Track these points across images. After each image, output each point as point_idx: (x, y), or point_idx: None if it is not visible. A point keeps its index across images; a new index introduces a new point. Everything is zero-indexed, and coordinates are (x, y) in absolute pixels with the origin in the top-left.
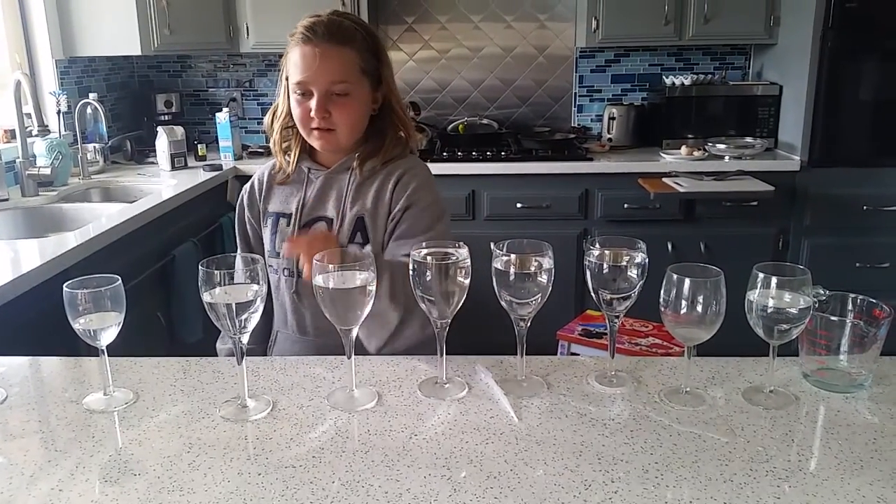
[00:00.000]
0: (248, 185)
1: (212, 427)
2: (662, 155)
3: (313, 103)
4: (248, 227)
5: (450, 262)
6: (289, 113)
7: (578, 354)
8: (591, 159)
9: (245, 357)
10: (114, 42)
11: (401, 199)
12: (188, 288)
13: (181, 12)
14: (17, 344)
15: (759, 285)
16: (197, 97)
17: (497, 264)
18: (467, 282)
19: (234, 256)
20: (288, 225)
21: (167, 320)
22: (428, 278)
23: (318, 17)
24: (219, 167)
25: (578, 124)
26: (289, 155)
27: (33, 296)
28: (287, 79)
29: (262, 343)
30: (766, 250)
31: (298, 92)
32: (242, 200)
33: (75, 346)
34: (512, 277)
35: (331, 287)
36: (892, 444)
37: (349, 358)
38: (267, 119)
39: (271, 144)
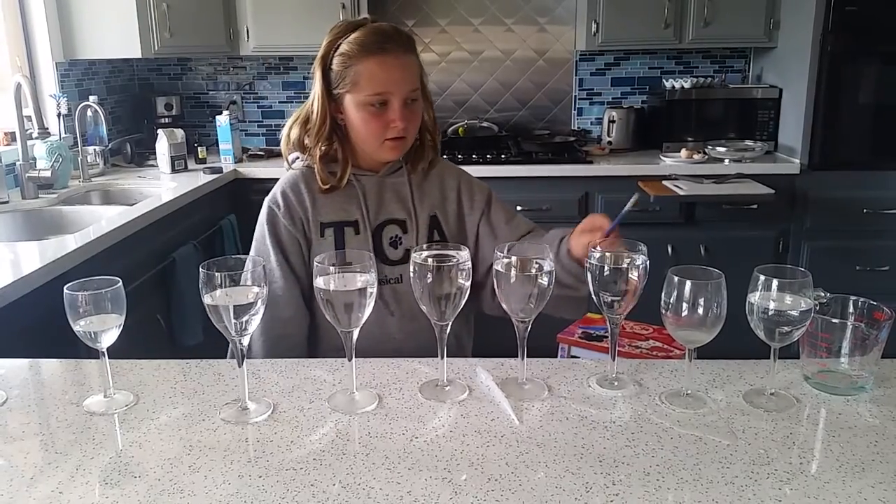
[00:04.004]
0: (278, 199)
1: (212, 429)
2: (662, 158)
3: (394, 113)
4: (285, 239)
5: (451, 263)
6: (331, 125)
7: (579, 357)
8: (590, 162)
9: (245, 359)
10: (114, 45)
11: (474, 197)
12: (188, 291)
13: (181, 15)
14: (18, 346)
15: (759, 288)
16: (197, 100)
17: (498, 266)
18: (468, 283)
19: (234, 259)
20: (357, 233)
21: (167, 323)
22: (429, 280)
23: (379, 26)
24: (219, 170)
25: (578, 127)
26: (332, 167)
27: (34, 298)
28: (337, 91)
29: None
30: (766, 253)
31: (375, 103)
32: (275, 215)
33: (76, 349)
34: (513, 279)
35: (332, 289)
36: (893, 447)
37: (350, 360)
38: (294, 133)
39: (297, 156)
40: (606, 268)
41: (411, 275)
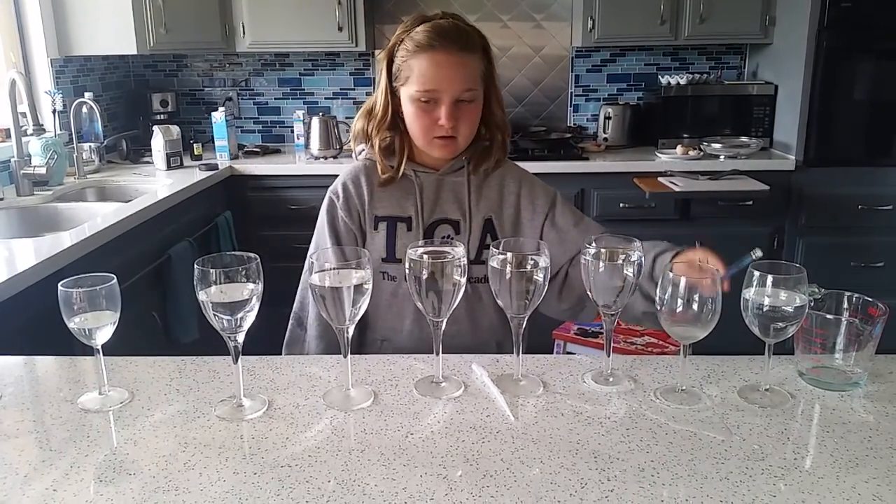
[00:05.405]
0: (338, 191)
1: (207, 426)
2: (658, 154)
3: (441, 112)
4: (342, 230)
5: (446, 260)
6: (393, 117)
7: (574, 353)
8: (586, 159)
9: (240, 356)
10: (109, 41)
11: (536, 201)
12: (184, 288)
13: (177, 11)
14: (12, 343)
15: (755, 284)
16: (193, 96)
17: (493, 263)
18: (463, 280)
19: (230, 255)
20: (409, 229)
21: (162, 320)
22: (424, 276)
23: (439, 23)
24: (214, 166)
25: (574, 124)
26: (391, 159)
27: (28, 295)
28: (395, 84)
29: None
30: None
31: (424, 100)
32: (335, 206)
33: (70, 346)
34: (508, 276)
35: (326, 285)
36: (887, 442)
37: (345, 357)
38: (359, 124)
39: (363, 149)
40: (601, 264)
41: (406, 272)
